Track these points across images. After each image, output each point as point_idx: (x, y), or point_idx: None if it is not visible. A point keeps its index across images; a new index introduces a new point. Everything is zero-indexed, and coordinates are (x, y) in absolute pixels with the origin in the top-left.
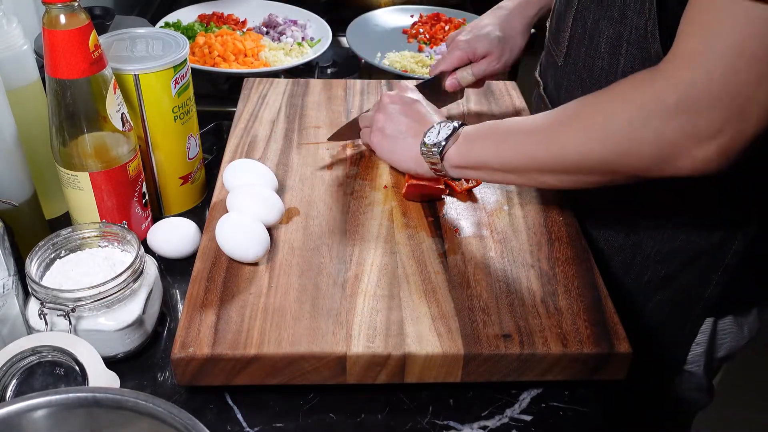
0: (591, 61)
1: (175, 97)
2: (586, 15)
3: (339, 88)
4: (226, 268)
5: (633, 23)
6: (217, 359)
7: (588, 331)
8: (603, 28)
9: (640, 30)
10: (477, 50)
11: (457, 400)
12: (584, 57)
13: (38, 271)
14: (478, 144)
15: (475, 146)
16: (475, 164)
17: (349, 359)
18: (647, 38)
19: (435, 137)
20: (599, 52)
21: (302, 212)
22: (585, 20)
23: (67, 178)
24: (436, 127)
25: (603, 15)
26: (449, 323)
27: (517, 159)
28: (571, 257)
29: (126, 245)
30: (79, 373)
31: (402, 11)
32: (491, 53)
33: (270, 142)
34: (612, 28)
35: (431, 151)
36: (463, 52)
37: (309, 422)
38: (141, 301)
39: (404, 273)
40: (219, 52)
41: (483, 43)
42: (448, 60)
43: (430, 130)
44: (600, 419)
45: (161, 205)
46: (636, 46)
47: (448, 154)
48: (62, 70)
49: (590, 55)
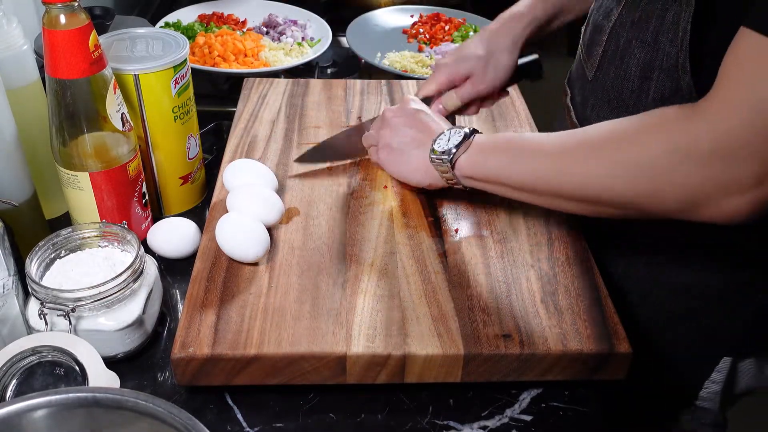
0: (620, 81)
1: (175, 97)
2: (621, 32)
3: (339, 88)
4: (226, 268)
5: (665, 51)
6: (217, 359)
7: (588, 331)
8: (635, 50)
9: (671, 59)
10: (459, 71)
11: (457, 400)
12: (614, 76)
13: (38, 271)
14: (493, 157)
15: (489, 159)
16: (488, 178)
17: (349, 359)
18: (677, 69)
19: (445, 144)
20: (629, 74)
21: (302, 212)
22: (619, 38)
23: (67, 178)
24: (447, 133)
25: (636, 36)
26: (449, 323)
27: (534, 180)
28: (571, 257)
29: (126, 245)
30: (79, 373)
31: (402, 11)
32: (474, 73)
33: (270, 142)
34: (644, 52)
35: (441, 158)
36: (446, 76)
37: (309, 422)
38: (141, 301)
39: (404, 273)
40: (219, 52)
41: (465, 63)
42: (431, 84)
43: (440, 136)
44: (600, 419)
45: (161, 205)
46: (667, 74)
47: (459, 163)
48: (62, 70)
49: (619, 75)
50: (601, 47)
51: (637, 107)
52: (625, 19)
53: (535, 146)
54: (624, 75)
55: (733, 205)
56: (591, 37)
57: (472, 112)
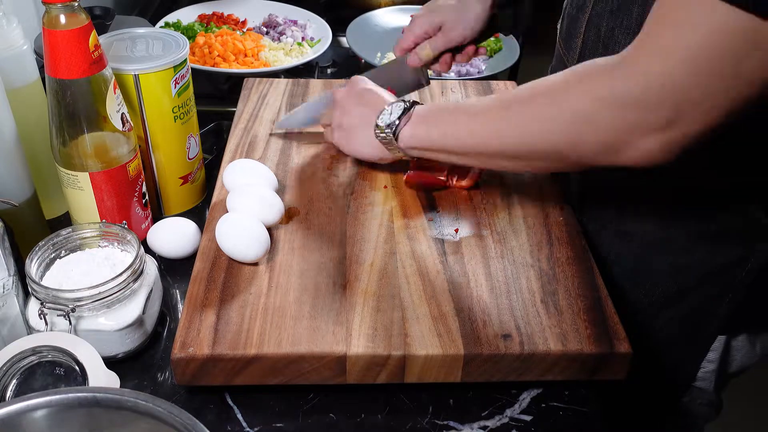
0: None
1: (175, 97)
2: (600, 22)
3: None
4: (226, 268)
5: None
6: (217, 359)
7: (588, 331)
8: (619, 37)
9: None
10: (434, 21)
11: (457, 400)
12: None
13: (38, 271)
14: (434, 126)
15: (430, 128)
16: (432, 146)
17: (349, 359)
18: None
19: (387, 118)
20: None
21: (302, 212)
22: (599, 27)
23: (67, 178)
24: (388, 108)
25: (618, 24)
26: (449, 323)
27: (473, 143)
28: (571, 257)
29: (126, 245)
30: (79, 373)
31: (402, 11)
32: (446, 22)
33: (270, 142)
34: (629, 38)
35: (384, 132)
36: (420, 27)
37: (309, 422)
38: (141, 301)
39: (404, 273)
40: (219, 52)
41: (438, 12)
42: (408, 36)
43: (383, 112)
44: (600, 419)
45: (161, 205)
46: None
47: (402, 136)
48: (62, 70)
49: None
50: (580, 38)
51: None
52: (602, 9)
53: (467, 110)
54: None
55: (646, 148)
56: (568, 30)
57: (445, 68)
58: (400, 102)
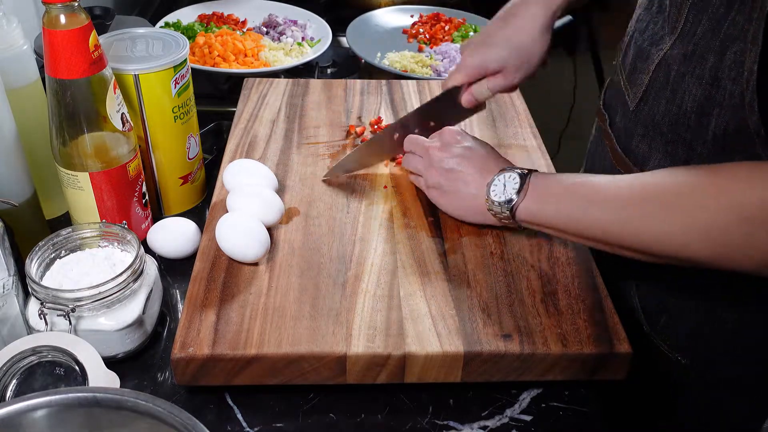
0: (673, 117)
1: (175, 97)
2: (672, 64)
3: (339, 88)
4: (226, 268)
5: (727, 89)
6: (217, 359)
7: (588, 331)
8: (689, 86)
9: (735, 98)
10: (490, 65)
11: (457, 400)
12: (664, 110)
13: (38, 271)
14: (551, 206)
15: (547, 207)
16: (548, 225)
17: (349, 359)
18: (743, 108)
19: (501, 193)
20: (683, 110)
21: (302, 212)
22: (669, 70)
23: (67, 178)
24: (500, 178)
25: (690, 72)
26: (449, 323)
27: (597, 232)
28: (571, 258)
29: (126, 245)
30: (79, 373)
31: (402, 11)
32: (507, 66)
33: (270, 142)
34: (701, 88)
35: (501, 208)
36: (476, 68)
37: (309, 422)
38: (141, 301)
39: (404, 273)
40: (219, 52)
41: (497, 54)
42: (460, 75)
43: (494, 183)
44: (600, 419)
45: (161, 205)
46: (729, 111)
47: (518, 212)
48: (62, 70)
49: (671, 110)
50: (648, 76)
51: (696, 142)
52: (677, 51)
53: (597, 196)
54: (678, 110)
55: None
56: (634, 64)
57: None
58: (513, 173)
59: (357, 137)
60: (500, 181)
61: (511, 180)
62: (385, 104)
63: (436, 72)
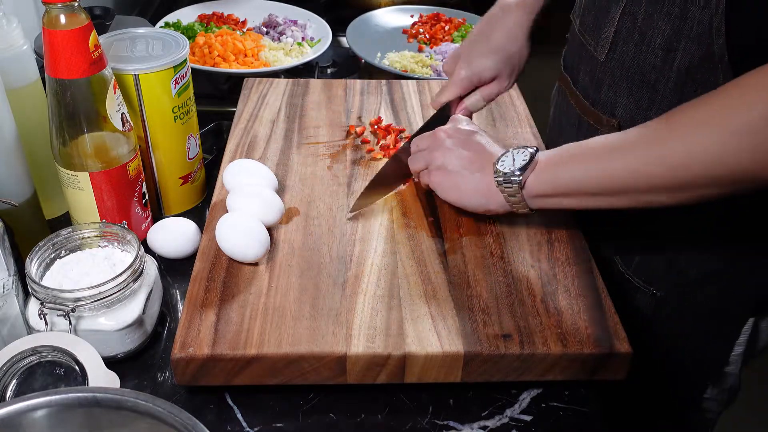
0: (642, 57)
1: (175, 97)
2: (637, 10)
3: (339, 88)
4: (226, 268)
5: (695, 18)
6: (217, 359)
7: (588, 331)
8: (658, 22)
9: (703, 25)
10: (484, 77)
11: (457, 400)
12: (633, 53)
13: (38, 271)
14: (566, 168)
15: (561, 171)
16: (564, 191)
17: (349, 359)
18: (711, 34)
19: (510, 165)
20: (652, 48)
21: (302, 212)
22: (635, 15)
23: (67, 178)
24: (509, 154)
25: (659, 9)
26: (449, 323)
27: (623, 179)
28: (571, 257)
29: (126, 245)
30: (79, 373)
31: (402, 11)
32: (500, 74)
33: (270, 142)
34: (669, 24)
35: (509, 180)
36: (468, 81)
37: (309, 422)
38: (141, 301)
39: (404, 273)
40: (219, 52)
41: (487, 68)
42: (451, 90)
43: (502, 158)
44: (600, 419)
45: (161, 205)
46: (696, 41)
47: (528, 183)
48: (62, 70)
49: (641, 50)
50: (613, 27)
51: (660, 81)
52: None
53: (612, 144)
54: (646, 50)
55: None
56: (595, 20)
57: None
58: (521, 149)
59: (357, 137)
60: (509, 156)
61: (520, 154)
62: (385, 104)
63: (436, 72)
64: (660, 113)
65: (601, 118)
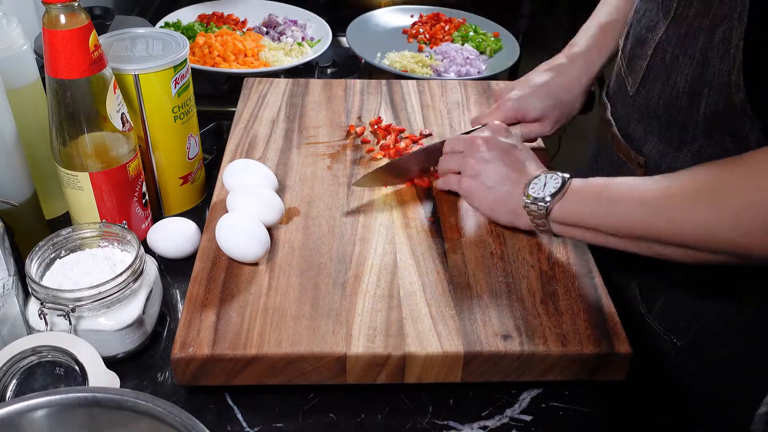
0: (668, 99)
1: (175, 97)
2: (667, 47)
3: (339, 88)
4: (226, 268)
5: (716, 67)
6: (217, 359)
7: (588, 332)
8: (682, 65)
9: (722, 76)
10: (528, 114)
11: (457, 400)
12: (659, 92)
13: (38, 271)
14: (588, 205)
15: (583, 207)
16: (583, 226)
17: (349, 359)
18: (730, 86)
19: (540, 190)
20: (677, 91)
21: (302, 212)
22: (665, 53)
23: (67, 178)
24: (542, 178)
25: (683, 52)
26: (449, 323)
27: (633, 228)
28: (571, 258)
29: (126, 245)
30: (79, 373)
31: (402, 11)
32: (544, 118)
33: (270, 142)
34: (692, 68)
35: (537, 205)
36: (513, 113)
37: (309, 422)
38: (141, 301)
39: (404, 273)
40: (219, 52)
41: (536, 108)
42: (499, 114)
43: (535, 181)
44: (600, 419)
45: (161, 205)
46: (717, 91)
47: (553, 210)
48: (62, 70)
49: (666, 92)
50: (645, 61)
51: (688, 124)
52: (672, 34)
53: (631, 194)
54: (672, 91)
55: None
56: (632, 51)
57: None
58: (554, 175)
59: (357, 137)
60: (541, 180)
61: (552, 180)
62: (385, 104)
63: (436, 72)
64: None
65: (630, 153)
